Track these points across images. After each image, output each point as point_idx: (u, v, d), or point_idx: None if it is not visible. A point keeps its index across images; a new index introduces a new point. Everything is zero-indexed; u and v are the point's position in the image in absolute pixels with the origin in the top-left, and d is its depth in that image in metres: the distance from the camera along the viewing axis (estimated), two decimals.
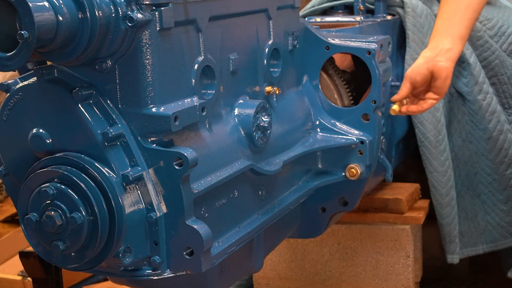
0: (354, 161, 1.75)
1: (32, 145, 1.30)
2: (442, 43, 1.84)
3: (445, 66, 1.81)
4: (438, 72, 1.81)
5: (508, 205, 2.21)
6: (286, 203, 1.63)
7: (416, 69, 1.82)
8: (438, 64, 1.81)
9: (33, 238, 1.28)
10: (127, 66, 1.26)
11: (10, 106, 1.32)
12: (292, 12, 1.69)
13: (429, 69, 1.81)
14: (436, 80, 1.81)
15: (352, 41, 1.77)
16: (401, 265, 2.08)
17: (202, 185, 1.34)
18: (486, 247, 2.24)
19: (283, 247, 2.17)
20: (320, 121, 1.78)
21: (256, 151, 1.53)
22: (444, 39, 1.85)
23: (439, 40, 1.85)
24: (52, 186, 1.23)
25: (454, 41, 1.85)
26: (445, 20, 1.87)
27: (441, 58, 1.82)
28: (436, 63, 1.82)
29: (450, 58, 1.83)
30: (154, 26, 1.25)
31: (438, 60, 1.82)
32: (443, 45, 1.84)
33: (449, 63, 1.83)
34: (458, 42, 1.85)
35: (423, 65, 1.82)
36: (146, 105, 1.27)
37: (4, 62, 1.15)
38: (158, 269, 1.31)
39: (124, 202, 1.24)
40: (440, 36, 1.86)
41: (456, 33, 1.85)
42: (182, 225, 1.28)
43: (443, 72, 1.81)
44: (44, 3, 1.13)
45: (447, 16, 1.87)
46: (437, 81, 1.81)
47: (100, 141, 1.25)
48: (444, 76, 1.82)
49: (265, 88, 1.59)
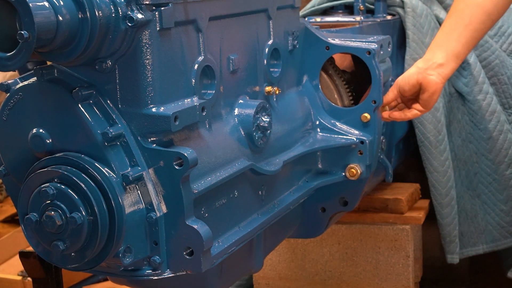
0: (354, 161, 1.75)
1: (32, 145, 1.30)
2: (436, 57, 1.79)
3: (434, 81, 1.77)
4: (427, 86, 1.78)
5: (508, 205, 2.21)
6: (286, 203, 1.63)
7: (406, 78, 1.80)
8: (428, 77, 1.77)
9: (33, 238, 1.28)
10: (127, 66, 1.26)
11: (10, 106, 1.32)
12: (292, 12, 1.69)
13: (418, 81, 1.78)
14: (424, 93, 1.79)
15: (352, 41, 1.77)
16: (401, 265, 2.08)
17: (202, 185, 1.34)
18: (486, 247, 2.24)
19: (283, 247, 2.17)
20: (320, 121, 1.78)
21: (256, 151, 1.53)
22: (439, 53, 1.80)
23: (434, 52, 1.80)
24: (52, 186, 1.23)
25: (448, 58, 1.79)
26: (444, 34, 1.83)
27: (433, 72, 1.78)
28: (426, 76, 1.77)
29: (442, 74, 1.78)
30: (154, 26, 1.25)
31: (429, 74, 1.78)
32: (437, 59, 1.79)
33: (440, 79, 1.78)
34: (452, 59, 1.80)
35: (413, 75, 1.79)
36: (146, 105, 1.27)
37: (4, 62, 1.15)
38: (158, 269, 1.31)
39: (124, 202, 1.24)
40: (437, 49, 1.81)
41: (452, 50, 1.80)
42: (182, 225, 1.28)
43: (432, 87, 1.78)
44: (44, 3, 1.13)
45: (447, 30, 1.83)
46: (425, 94, 1.79)
47: (100, 141, 1.25)
48: (432, 90, 1.78)
49: (265, 88, 1.59)
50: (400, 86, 1.80)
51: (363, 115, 1.76)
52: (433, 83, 1.77)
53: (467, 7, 1.79)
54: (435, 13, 2.24)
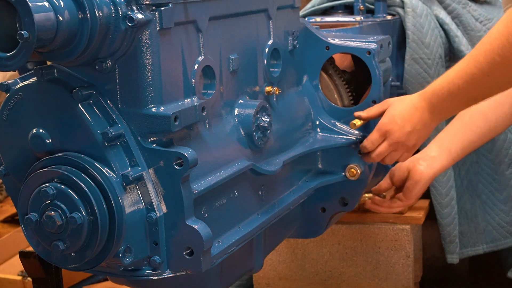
0: (354, 161, 1.75)
1: (32, 145, 1.30)
2: (430, 150, 1.83)
3: (421, 170, 1.79)
4: (413, 174, 1.80)
5: (508, 205, 2.21)
6: (286, 203, 1.63)
7: (398, 165, 1.83)
8: (417, 166, 1.79)
9: (33, 238, 1.28)
10: (127, 66, 1.26)
11: (10, 106, 1.32)
12: (292, 12, 1.69)
13: (408, 167, 1.80)
14: (408, 180, 1.81)
15: (352, 41, 1.77)
16: (401, 265, 2.08)
17: (202, 185, 1.34)
18: (486, 247, 2.24)
19: (283, 247, 2.17)
20: (320, 121, 1.78)
21: (256, 151, 1.53)
22: (434, 147, 1.83)
23: (430, 147, 1.85)
24: (52, 186, 1.23)
25: (441, 152, 1.82)
26: (443, 132, 1.86)
27: (423, 163, 1.80)
28: (416, 164, 1.80)
29: (431, 166, 1.80)
30: (154, 26, 1.25)
31: (420, 163, 1.80)
32: (430, 152, 1.82)
33: (428, 170, 1.80)
34: (444, 155, 1.82)
35: (405, 163, 1.82)
36: (146, 105, 1.27)
37: (4, 62, 1.15)
38: (158, 269, 1.31)
39: (124, 202, 1.24)
40: (433, 143, 1.85)
41: (446, 145, 1.82)
42: (182, 225, 1.28)
43: (417, 175, 1.80)
44: (44, 3, 1.13)
45: (447, 127, 1.86)
46: (408, 181, 1.81)
47: (100, 141, 1.25)
48: (417, 179, 1.80)
49: (265, 88, 1.59)
50: (391, 171, 1.84)
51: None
52: (419, 172, 1.80)
53: (469, 110, 1.81)
54: (435, 13, 2.24)
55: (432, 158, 1.81)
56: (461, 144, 1.82)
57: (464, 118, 1.84)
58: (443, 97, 1.60)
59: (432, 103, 1.63)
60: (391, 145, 1.68)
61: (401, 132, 1.66)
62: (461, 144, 1.82)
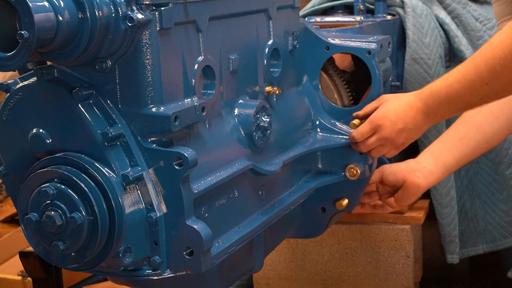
0: (354, 161, 1.75)
1: (32, 145, 1.30)
2: (428, 162, 1.82)
3: (418, 183, 1.79)
4: (409, 185, 1.80)
5: (508, 205, 2.21)
6: (286, 203, 1.63)
7: (394, 170, 1.82)
8: (415, 179, 1.80)
9: (33, 238, 1.28)
10: (127, 66, 1.26)
11: (10, 106, 1.32)
12: (292, 12, 1.69)
13: (404, 178, 1.80)
14: (403, 190, 1.81)
15: (352, 41, 1.77)
16: (401, 265, 2.08)
17: (202, 185, 1.34)
18: (486, 247, 2.24)
19: (283, 247, 2.17)
20: (320, 121, 1.78)
21: (256, 151, 1.53)
22: (431, 160, 1.83)
23: (427, 158, 1.84)
24: (52, 186, 1.23)
25: (438, 167, 1.82)
26: (440, 142, 1.86)
27: (420, 175, 1.80)
28: (413, 177, 1.80)
29: (427, 180, 1.80)
30: (154, 26, 1.25)
31: (417, 176, 1.80)
32: (428, 165, 1.82)
33: (425, 184, 1.80)
34: (441, 169, 1.82)
35: (402, 172, 1.81)
36: (146, 105, 1.27)
37: (4, 62, 1.15)
38: (158, 269, 1.31)
39: (124, 202, 1.24)
40: (430, 155, 1.84)
41: (442, 160, 1.82)
42: (182, 225, 1.28)
43: (414, 188, 1.80)
44: (44, 3, 1.13)
45: (443, 139, 1.86)
46: (403, 191, 1.81)
47: (100, 141, 1.25)
48: (413, 191, 1.80)
49: (265, 88, 1.59)
50: (385, 175, 1.83)
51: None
52: (416, 185, 1.80)
53: (465, 123, 1.83)
54: (435, 13, 2.24)
55: (429, 172, 1.82)
56: (457, 157, 1.84)
57: (460, 133, 1.85)
58: (440, 100, 1.61)
59: (428, 105, 1.64)
60: (380, 140, 1.69)
61: (392, 128, 1.67)
62: (457, 157, 1.84)
